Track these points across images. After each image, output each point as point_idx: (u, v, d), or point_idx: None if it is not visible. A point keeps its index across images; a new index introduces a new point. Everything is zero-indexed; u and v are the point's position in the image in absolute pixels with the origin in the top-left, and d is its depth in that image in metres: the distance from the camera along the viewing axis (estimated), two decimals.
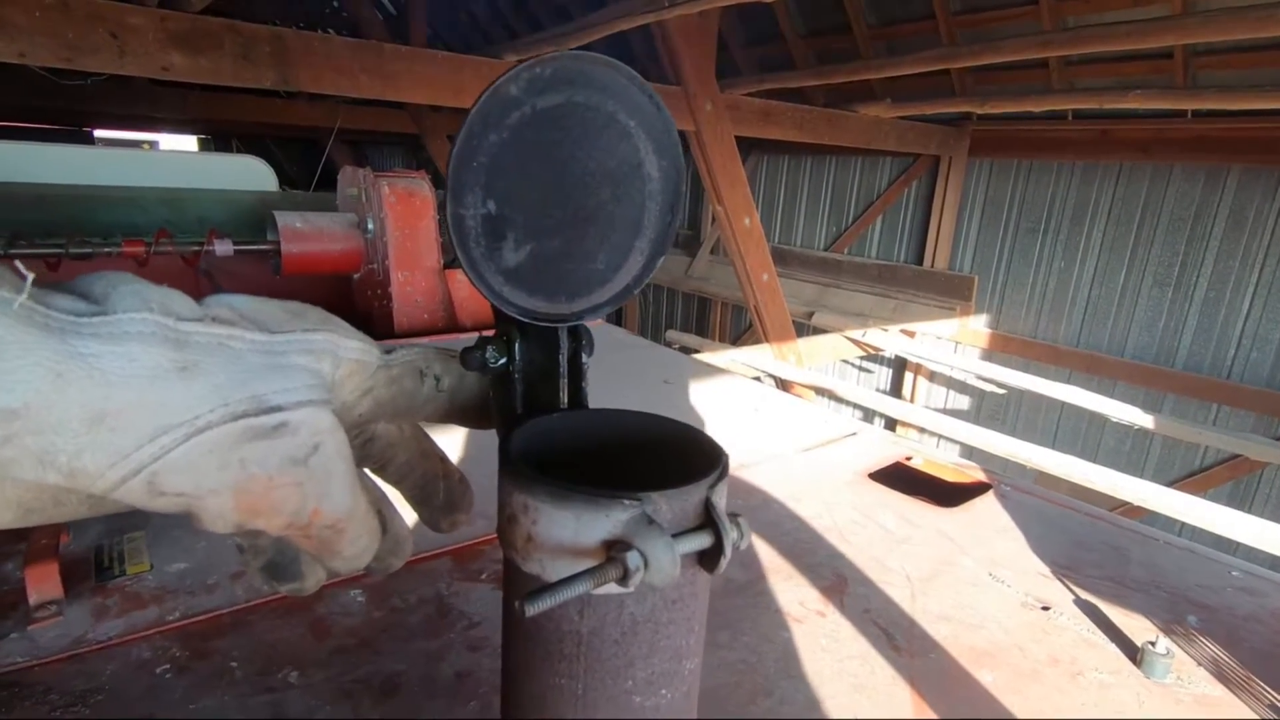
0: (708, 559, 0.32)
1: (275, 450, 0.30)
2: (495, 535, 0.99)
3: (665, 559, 0.29)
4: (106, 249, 1.77)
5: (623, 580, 0.28)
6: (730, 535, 0.31)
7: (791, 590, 0.87)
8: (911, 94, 4.78)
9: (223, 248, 1.91)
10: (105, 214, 2.13)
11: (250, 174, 4.09)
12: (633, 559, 0.28)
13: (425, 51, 2.72)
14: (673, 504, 0.31)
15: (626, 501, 0.30)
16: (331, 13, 8.20)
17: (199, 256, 1.92)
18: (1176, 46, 3.66)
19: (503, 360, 0.38)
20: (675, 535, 0.30)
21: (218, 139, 11.64)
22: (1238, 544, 2.34)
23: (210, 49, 2.25)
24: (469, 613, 0.78)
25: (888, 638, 0.78)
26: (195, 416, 0.28)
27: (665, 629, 0.33)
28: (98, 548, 0.86)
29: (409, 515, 0.45)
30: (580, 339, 0.39)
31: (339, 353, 0.34)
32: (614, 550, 0.29)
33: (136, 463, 0.27)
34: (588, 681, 0.33)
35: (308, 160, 9.85)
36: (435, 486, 0.43)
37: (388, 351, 0.38)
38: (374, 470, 0.42)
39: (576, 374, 0.39)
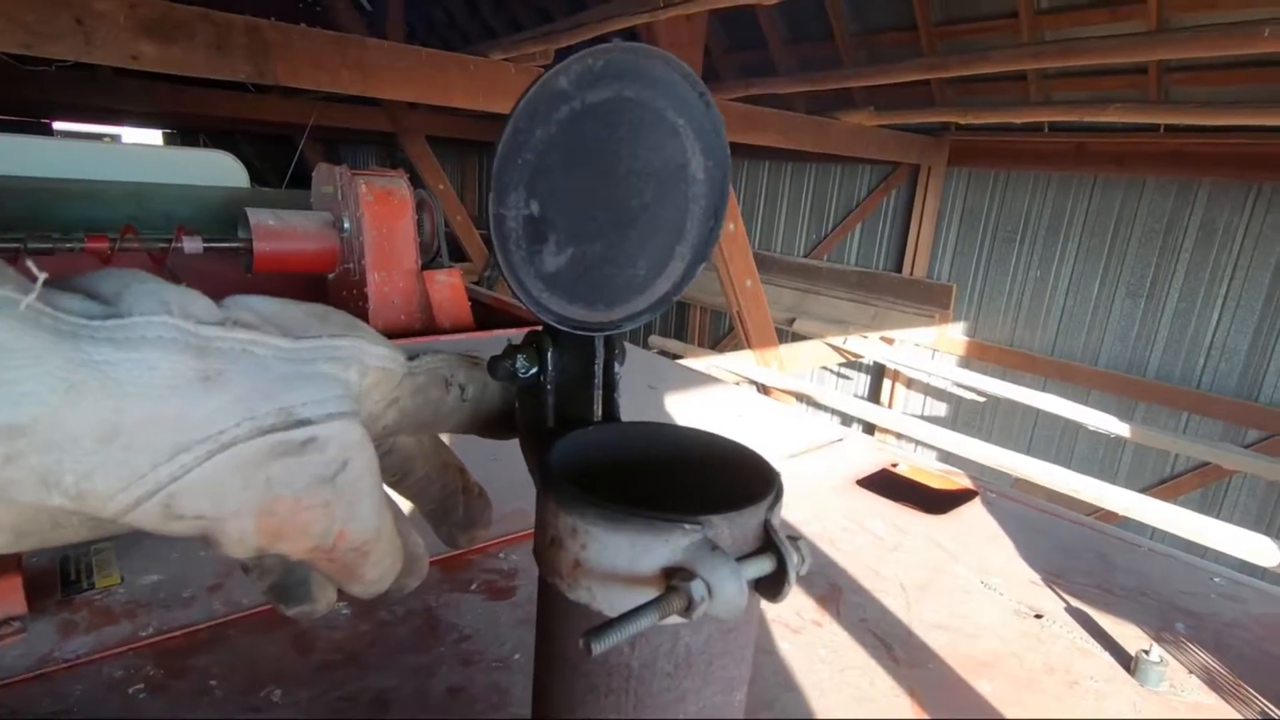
0: (769, 586, 0.29)
1: (303, 468, 0.27)
2: (484, 546, 0.96)
3: (731, 588, 0.26)
4: (68, 245, 1.71)
5: (686, 611, 0.26)
6: (793, 560, 0.29)
7: (788, 599, 0.86)
8: (893, 102, 4.83)
9: (192, 245, 1.86)
10: (66, 209, 2.06)
11: (220, 170, 3.99)
12: (697, 589, 0.26)
13: (409, 48, 2.67)
14: (734, 528, 0.29)
15: (687, 526, 0.27)
16: (306, 7, 8.08)
17: (166, 254, 1.86)
18: (1150, 62, 3.75)
19: (534, 370, 0.36)
20: (737, 560, 0.28)
21: (184, 134, 11.33)
22: (1206, 549, 2.38)
23: (182, 38, 2.17)
24: (460, 625, 0.76)
25: (886, 648, 0.78)
26: (220, 431, 0.25)
27: (719, 660, 0.31)
28: (64, 559, 0.82)
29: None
30: (614, 348, 0.37)
31: (365, 360, 0.31)
32: (674, 579, 0.27)
33: (153, 483, 0.24)
34: (636, 717, 0.31)
35: (279, 158, 9.67)
36: (455, 501, 0.41)
37: (411, 357, 0.35)
38: (391, 484, 0.39)
39: (610, 385, 0.37)
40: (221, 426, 0.25)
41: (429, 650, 0.72)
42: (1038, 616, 0.86)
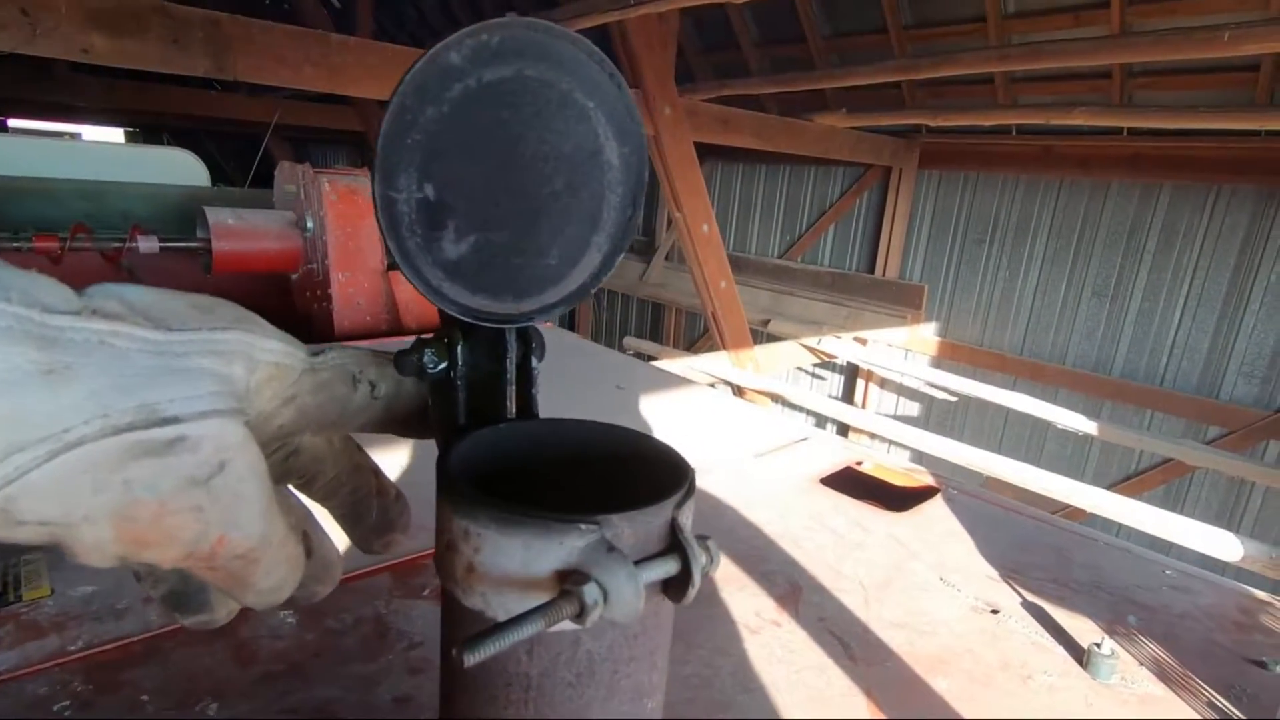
0: (674, 588, 0.28)
1: (169, 470, 0.24)
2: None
3: (627, 591, 0.25)
4: (15, 244, 1.65)
5: (579, 617, 0.25)
6: (699, 561, 0.27)
7: (747, 600, 0.85)
8: (865, 105, 4.88)
9: (147, 244, 1.81)
10: (16, 206, 1.99)
11: (180, 168, 3.90)
12: (590, 593, 0.25)
13: (376, 44, 2.61)
14: (635, 527, 0.27)
15: (583, 526, 0.26)
16: (272, 3, 7.94)
17: (120, 253, 1.81)
18: (1114, 67, 3.83)
19: (442, 365, 0.34)
20: (638, 562, 0.26)
21: (146, 132, 11.01)
22: (1171, 544, 2.43)
23: (136, 31, 2.08)
24: (410, 632, 0.74)
25: (844, 647, 0.77)
26: (65, 429, 0.22)
27: (625, 667, 0.29)
28: None
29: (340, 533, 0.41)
30: (530, 342, 0.35)
31: (254, 354, 0.28)
32: (569, 582, 0.25)
33: None
34: None
35: (246, 157, 9.47)
36: (368, 504, 0.38)
37: (315, 354, 0.33)
38: (299, 487, 0.37)
39: (525, 381, 0.35)
40: (67, 424, 0.23)
41: (377, 659, 0.70)
42: (994, 612, 0.87)
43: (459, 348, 0.34)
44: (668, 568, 0.27)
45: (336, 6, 7.40)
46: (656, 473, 0.32)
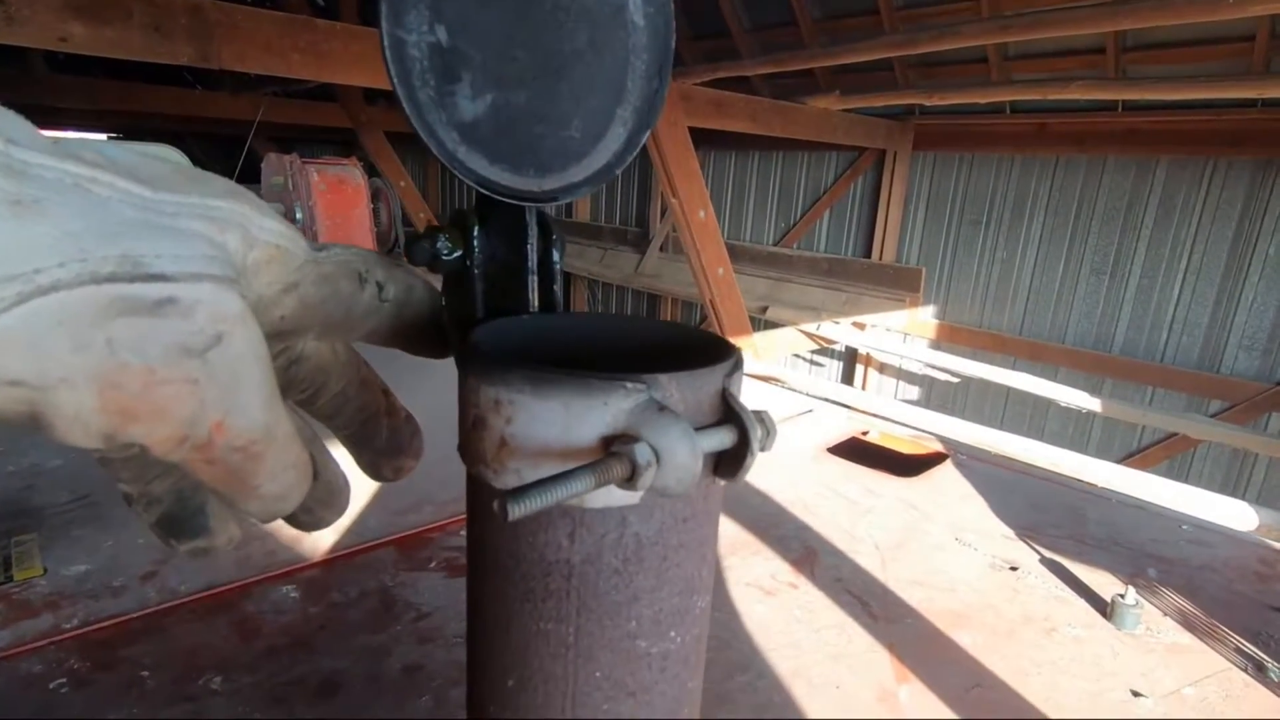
0: (728, 463, 0.25)
1: (159, 333, 0.21)
2: (443, 523, 0.92)
3: (682, 451, 0.22)
4: None
5: (630, 481, 0.22)
6: (756, 431, 0.25)
7: (762, 564, 0.84)
8: (857, 86, 4.85)
9: None
10: None
11: None
12: (642, 453, 0.22)
13: (365, 29, 2.55)
14: (685, 391, 0.24)
15: (629, 385, 0.23)
16: None
17: None
18: (1108, 42, 3.80)
19: (458, 253, 0.31)
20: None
21: (130, 135, 10.91)
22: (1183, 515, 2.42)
23: (116, 19, 2.02)
24: (417, 603, 0.72)
25: (862, 605, 0.76)
26: (35, 270, 0.19)
27: (675, 554, 0.27)
28: None
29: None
30: (550, 233, 0.32)
31: (251, 230, 0.25)
32: (615, 445, 0.23)
33: None
34: (580, 624, 0.26)
35: (230, 158, 9.39)
36: (376, 424, 0.35)
37: (319, 249, 0.29)
38: (301, 403, 0.34)
39: (547, 273, 0.32)
40: (37, 265, 0.19)
41: (384, 630, 0.68)
42: (1013, 569, 0.85)
43: (475, 234, 0.31)
44: (722, 439, 0.24)
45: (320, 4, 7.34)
46: (699, 355, 0.29)
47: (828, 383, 4.11)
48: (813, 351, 5.82)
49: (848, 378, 5.98)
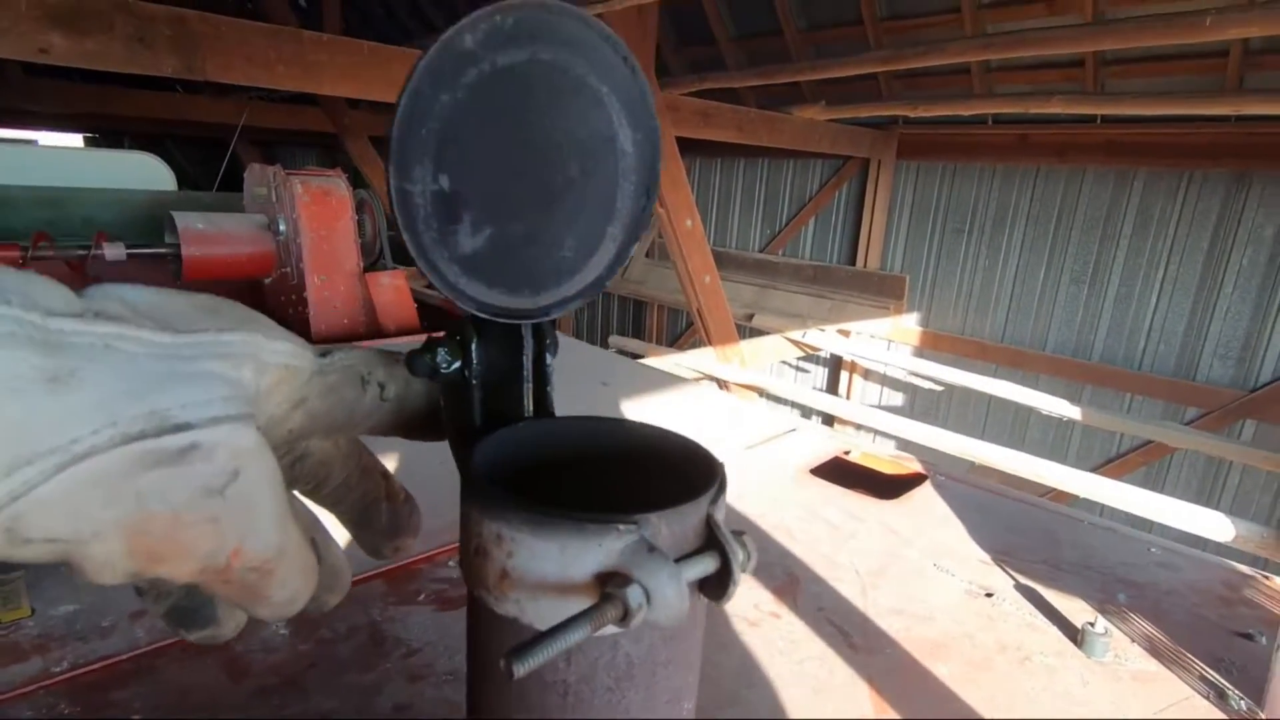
0: (713, 586, 0.27)
1: (183, 479, 0.23)
2: (431, 554, 0.93)
3: (671, 592, 0.24)
4: None
5: (623, 620, 0.24)
6: (738, 558, 0.27)
7: (746, 593, 0.86)
8: (842, 97, 4.90)
9: (114, 252, 1.77)
10: None
11: (143, 172, 3.79)
12: (634, 595, 0.24)
13: (351, 41, 2.56)
14: (672, 525, 0.27)
15: (621, 527, 0.25)
16: (236, 2, 7.77)
17: (86, 261, 1.77)
18: (1088, 55, 3.87)
19: (457, 365, 0.33)
20: (677, 561, 0.26)
21: (107, 137, 10.73)
22: (1153, 524, 2.47)
23: (97, 30, 2.01)
24: (406, 639, 0.73)
25: (843, 636, 0.78)
26: (72, 440, 0.21)
27: (664, 669, 0.29)
28: None
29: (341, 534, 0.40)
30: (544, 338, 0.34)
31: (263, 356, 0.27)
32: (610, 585, 0.25)
33: None
34: None
35: (211, 161, 9.25)
36: (377, 509, 0.37)
37: (323, 354, 0.32)
38: (306, 493, 0.36)
39: (541, 378, 0.34)
40: (74, 435, 0.21)
41: (374, 667, 0.69)
42: (988, 595, 0.88)
43: (473, 345, 0.33)
44: (706, 565, 0.26)
45: (303, 6, 7.29)
46: (683, 468, 0.31)
47: (813, 391, 4.15)
48: (798, 358, 5.87)
49: (833, 384, 6.03)
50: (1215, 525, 2.19)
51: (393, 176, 0.27)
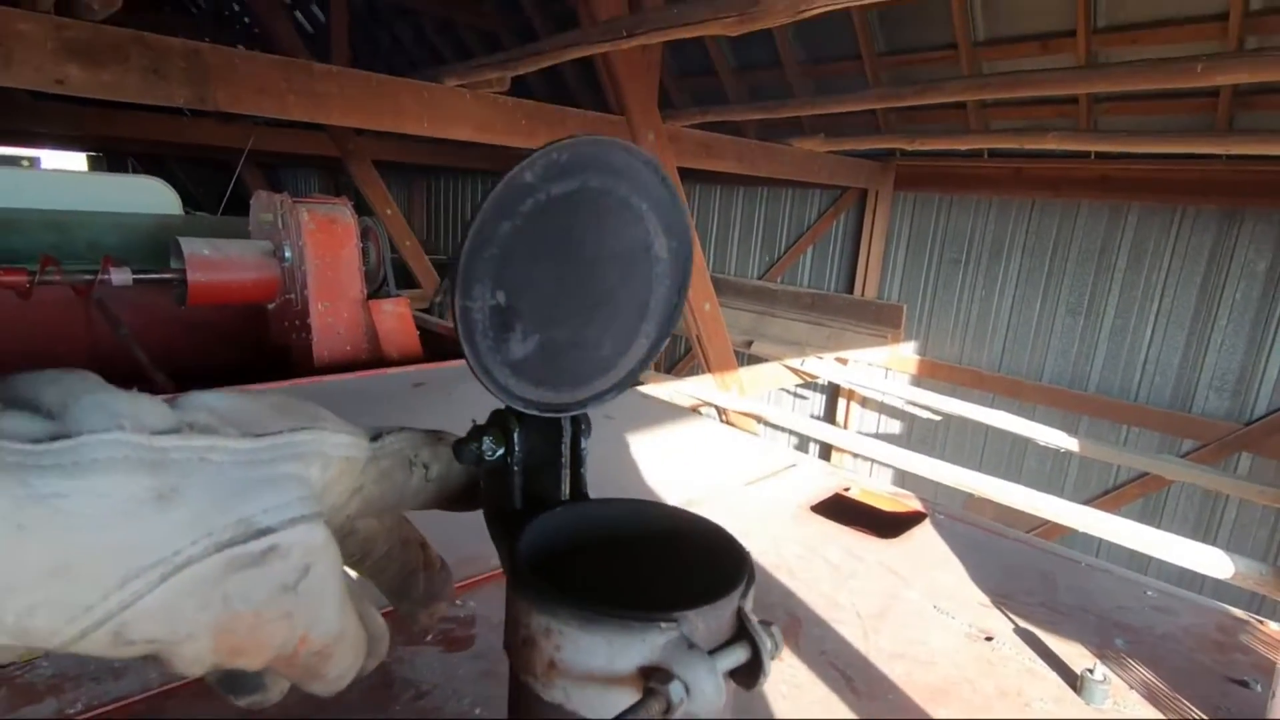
0: (744, 675, 0.29)
1: (264, 579, 0.26)
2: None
3: (709, 687, 0.26)
4: None
5: (665, 714, 0.25)
6: (767, 648, 0.29)
7: None
8: (841, 129, 4.99)
9: (120, 276, 1.79)
10: None
11: (150, 196, 3.81)
12: (675, 691, 0.25)
13: (359, 73, 2.61)
14: (708, 621, 0.29)
15: (663, 625, 0.27)
16: (243, 29, 7.90)
17: (92, 286, 1.79)
18: (1081, 93, 3.95)
19: (500, 452, 0.35)
20: (712, 652, 0.27)
21: (111, 157, 10.86)
22: (1151, 558, 2.47)
23: (114, 62, 2.05)
24: (415, 681, 0.74)
25: (846, 680, 0.78)
26: (175, 552, 0.24)
27: None
28: None
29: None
30: (579, 423, 0.37)
31: (328, 451, 0.30)
32: (652, 680, 0.26)
33: (102, 614, 0.23)
34: None
35: (215, 183, 9.33)
36: (416, 578, 0.39)
37: (374, 437, 0.34)
38: (350, 565, 0.38)
39: (577, 462, 0.37)
40: (176, 547, 0.24)
41: (384, 709, 0.70)
42: (988, 639, 0.89)
43: (515, 434, 0.35)
44: (739, 656, 0.28)
45: (310, 32, 7.41)
46: (711, 553, 0.33)
47: (811, 420, 4.16)
48: (797, 385, 5.89)
49: (830, 412, 6.05)
50: (1214, 562, 2.19)
51: (457, 296, 0.30)
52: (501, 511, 0.36)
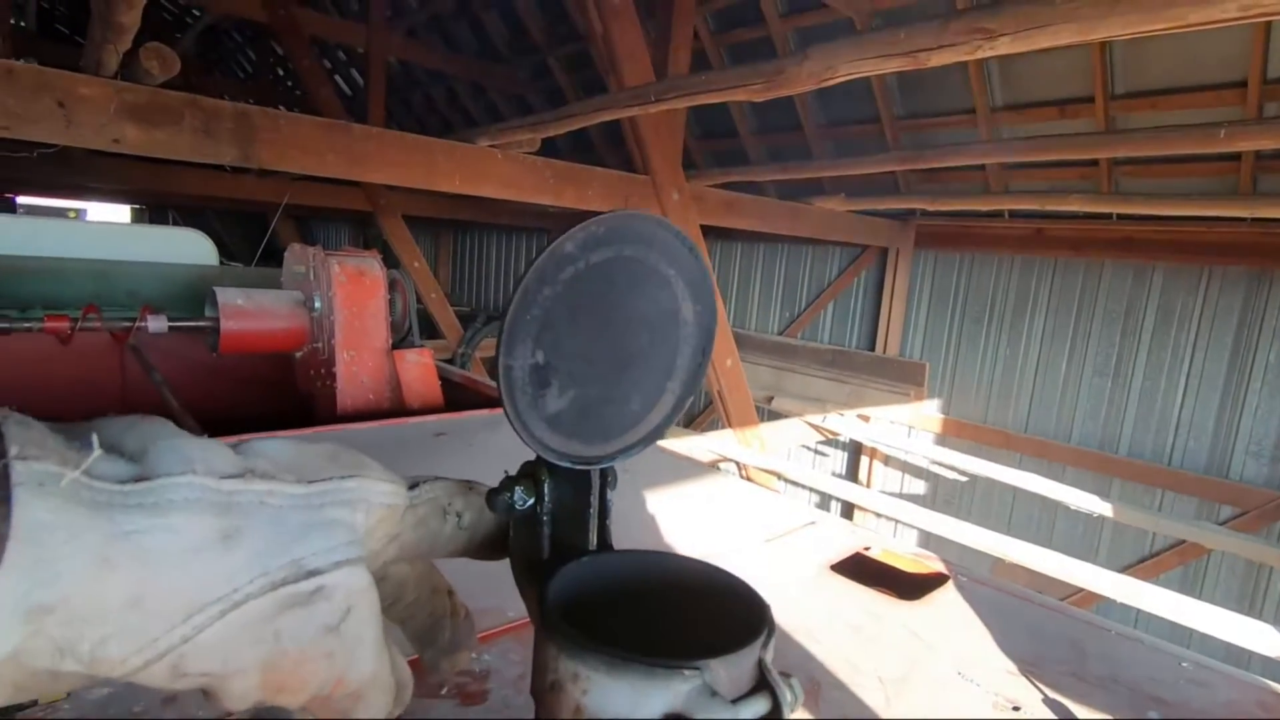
0: None
1: (310, 619, 0.27)
2: None
3: None
4: (26, 324, 1.68)
5: None
6: (787, 699, 0.30)
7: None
8: (861, 190, 5.07)
9: (156, 324, 1.85)
10: (25, 285, 2.01)
11: (189, 247, 3.97)
12: None
13: (395, 134, 2.74)
14: (730, 670, 0.29)
15: (687, 673, 0.28)
16: (287, 91, 8.31)
17: (129, 333, 1.85)
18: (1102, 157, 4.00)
19: (530, 502, 0.37)
20: (733, 702, 0.28)
21: (154, 210, 11.40)
22: (1192, 631, 2.37)
23: (168, 123, 2.18)
24: None
25: None
26: (234, 590, 0.26)
27: None
28: None
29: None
30: (608, 476, 0.39)
31: (371, 499, 0.32)
32: None
33: (166, 645, 0.24)
34: None
35: (251, 233, 9.70)
36: (442, 626, 0.40)
37: (412, 486, 0.36)
38: (380, 610, 0.40)
39: (604, 513, 0.38)
40: (236, 585, 0.26)
41: None
42: (1015, 709, 0.85)
43: (545, 485, 0.37)
44: (759, 708, 0.29)
45: (349, 94, 7.78)
46: (734, 606, 0.34)
47: (833, 478, 4.10)
48: (818, 442, 5.83)
49: (853, 470, 5.96)
50: (1261, 637, 2.09)
51: (501, 355, 0.32)
52: (529, 560, 0.37)
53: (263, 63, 8.77)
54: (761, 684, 0.30)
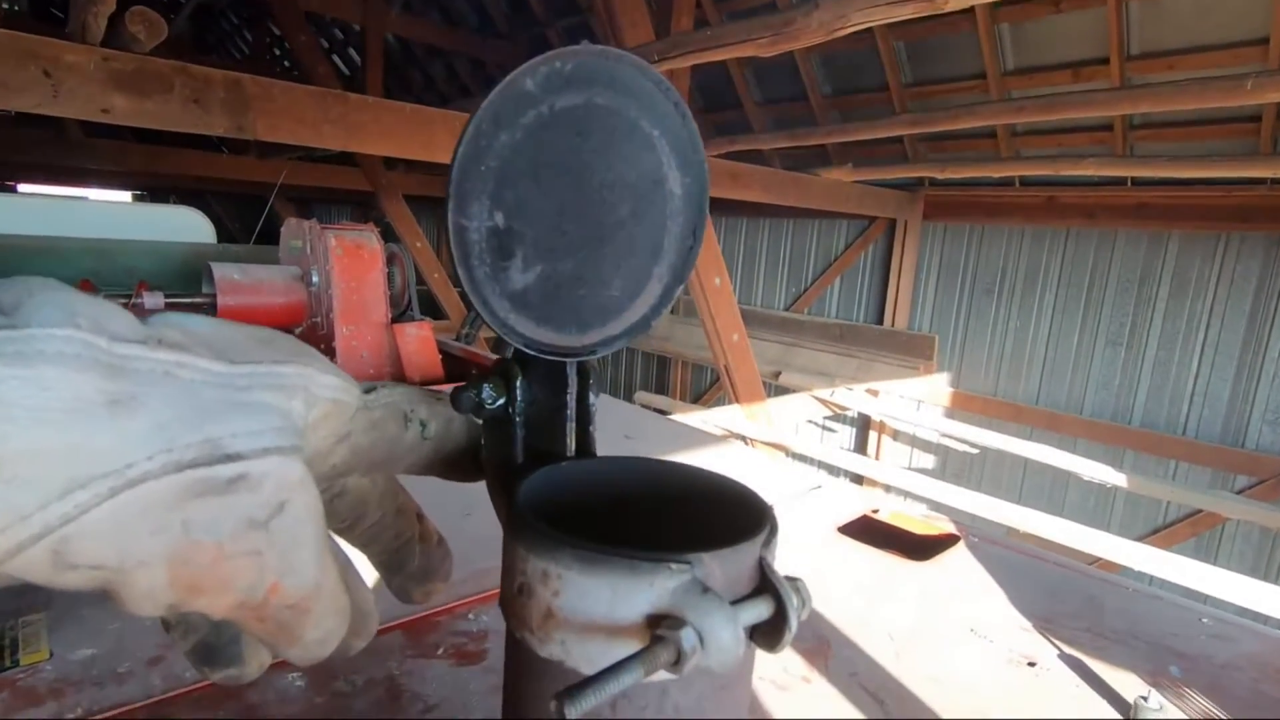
0: (767, 634, 0.26)
1: (229, 510, 0.23)
2: (451, 606, 0.92)
3: (726, 636, 0.23)
4: None
5: (675, 665, 0.22)
6: (793, 603, 0.26)
7: (775, 656, 0.82)
8: (869, 159, 4.98)
9: (153, 300, 1.84)
10: (21, 264, 2.01)
11: (186, 226, 3.97)
12: (687, 638, 0.23)
13: (393, 103, 2.68)
14: (726, 567, 0.26)
15: (674, 566, 0.24)
16: (283, 71, 8.23)
17: (125, 309, 1.85)
18: (1116, 119, 3.90)
19: (500, 401, 0.33)
20: (731, 604, 0.24)
21: (154, 193, 11.37)
22: (1207, 596, 2.34)
23: (157, 92, 2.11)
24: (424, 694, 0.71)
25: (879, 704, 0.73)
26: (127, 465, 0.21)
27: None
28: None
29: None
30: (588, 377, 0.34)
31: (314, 389, 0.27)
32: (662, 627, 0.23)
33: (40, 525, 0.20)
34: None
35: (251, 216, 9.68)
36: (410, 551, 0.36)
37: (367, 391, 0.31)
38: (339, 531, 0.35)
39: (584, 417, 0.34)
40: (129, 459, 0.21)
41: None
42: (1031, 665, 0.83)
43: (517, 383, 0.33)
44: (761, 611, 0.25)
45: (346, 74, 7.70)
46: (731, 512, 0.30)
47: (842, 451, 4.07)
48: (825, 417, 5.79)
49: (861, 445, 5.92)
50: (1278, 601, 2.06)
51: (451, 211, 0.28)
52: (502, 468, 0.34)
53: (259, 43, 8.68)
54: (764, 586, 0.26)
